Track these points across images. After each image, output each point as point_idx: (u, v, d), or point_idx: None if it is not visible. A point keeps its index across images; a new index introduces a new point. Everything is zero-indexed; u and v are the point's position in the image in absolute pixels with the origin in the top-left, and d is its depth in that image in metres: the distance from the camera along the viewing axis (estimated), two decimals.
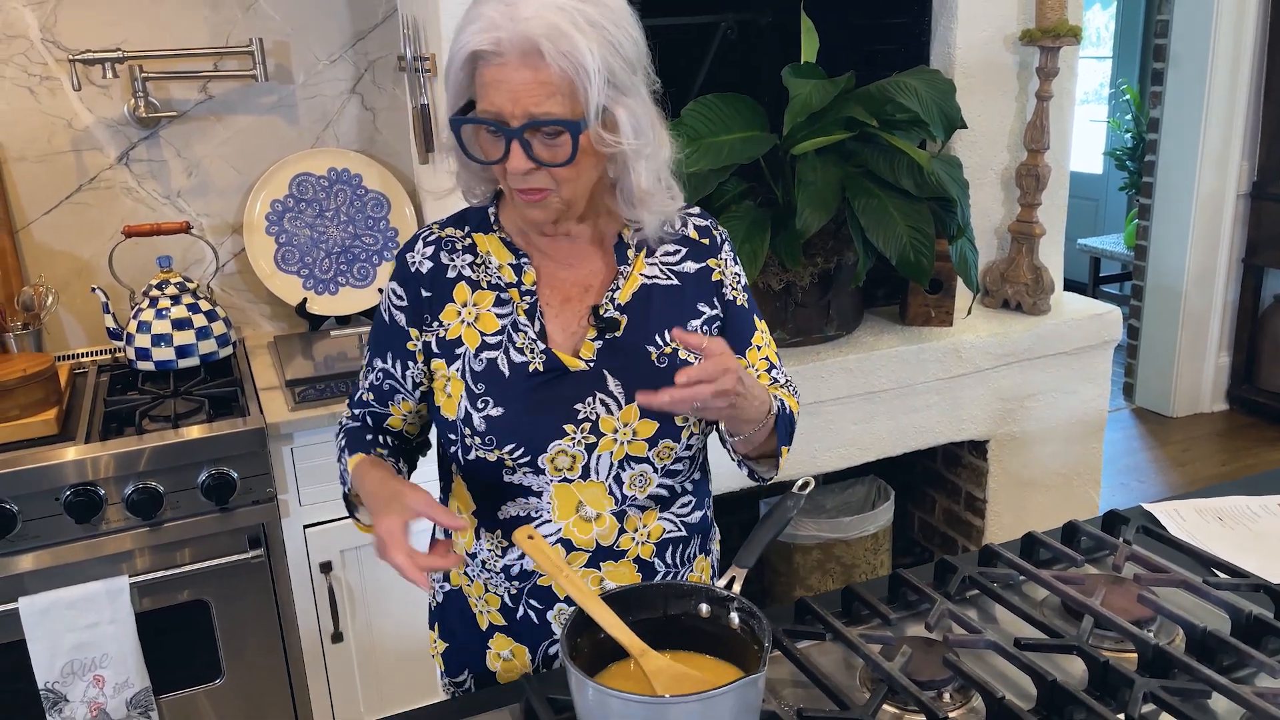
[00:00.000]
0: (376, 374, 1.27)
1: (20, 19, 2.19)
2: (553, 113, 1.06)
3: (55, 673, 1.84)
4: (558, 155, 1.09)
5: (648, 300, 1.22)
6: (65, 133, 2.26)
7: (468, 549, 1.27)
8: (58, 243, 2.30)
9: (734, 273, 1.29)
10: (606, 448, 1.18)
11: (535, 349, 1.19)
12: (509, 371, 1.18)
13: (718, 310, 1.26)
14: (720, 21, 2.55)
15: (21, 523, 1.79)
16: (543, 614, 1.25)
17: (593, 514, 1.20)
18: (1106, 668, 0.97)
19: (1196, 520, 1.33)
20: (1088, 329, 2.57)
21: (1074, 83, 2.60)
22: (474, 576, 1.27)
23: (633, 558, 1.22)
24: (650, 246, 1.24)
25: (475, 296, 1.21)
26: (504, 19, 1.04)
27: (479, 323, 1.20)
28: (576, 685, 0.88)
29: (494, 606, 1.27)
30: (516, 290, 1.21)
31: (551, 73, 1.04)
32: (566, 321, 1.21)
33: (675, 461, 1.22)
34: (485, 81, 1.07)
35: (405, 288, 1.23)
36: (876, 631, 1.08)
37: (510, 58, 1.04)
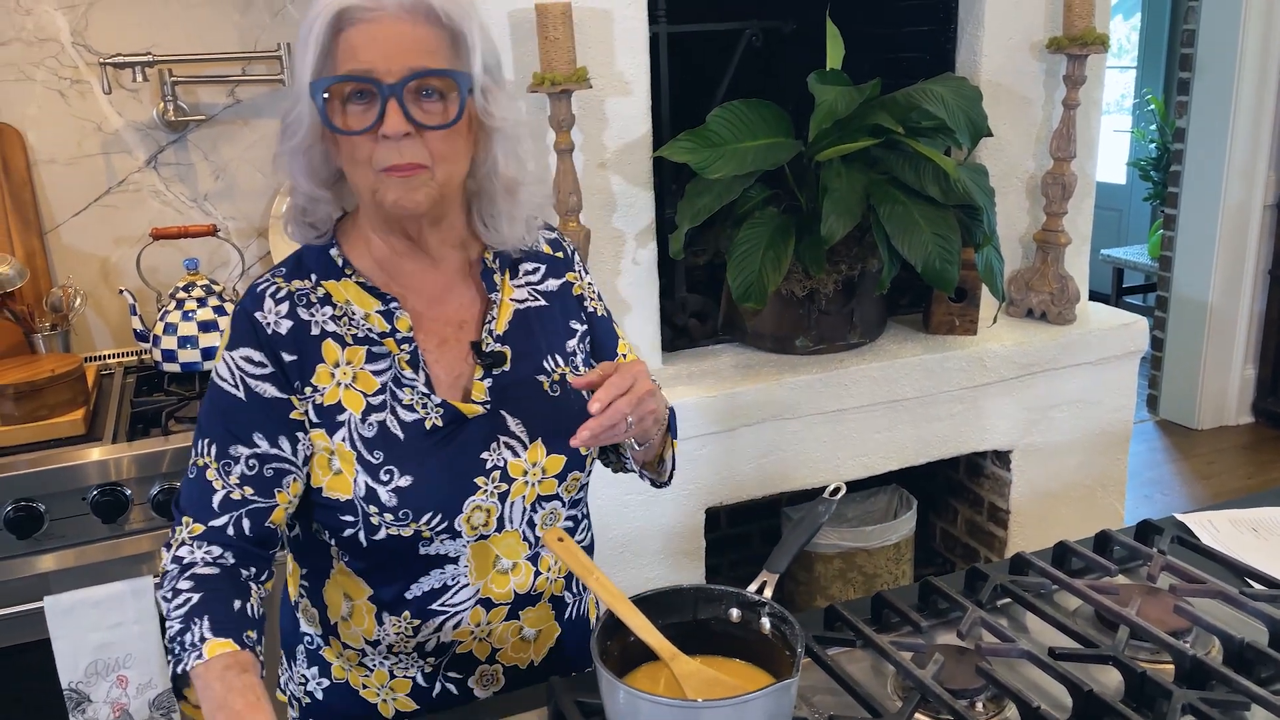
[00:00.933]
0: (246, 463, 1.06)
1: (51, 22, 2.21)
2: (435, 64, 0.99)
3: (79, 672, 1.84)
4: (445, 116, 1.01)
5: (525, 327, 1.16)
6: (95, 136, 2.28)
7: (366, 636, 1.14)
8: (86, 245, 2.32)
9: (588, 283, 1.25)
10: (519, 493, 1.12)
11: (428, 402, 1.08)
12: (403, 433, 1.07)
13: (585, 325, 1.22)
14: (745, 29, 2.55)
15: (49, 522, 1.79)
16: (462, 683, 1.16)
17: (508, 564, 1.14)
18: (1143, 678, 0.95)
19: (1230, 531, 1.32)
20: (1113, 339, 2.55)
21: (1100, 91, 2.59)
22: (375, 665, 1.16)
23: (548, 598, 1.18)
24: (511, 266, 1.18)
25: (346, 354, 1.08)
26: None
27: (357, 383, 1.08)
28: (607, 688, 0.87)
29: (403, 691, 1.16)
30: (392, 340, 1.09)
31: (429, 30, 0.99)
32: (449, 364, 1.12)
33: (580, 490, 1.19)
34: (354, 43, 0.98)
35: (264, 352, 1.07)
36: (907, 639, 1.07)
37: (386, 10, 0.98)
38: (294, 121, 1.04)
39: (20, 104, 2.22)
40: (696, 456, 2.22)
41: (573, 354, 1.19)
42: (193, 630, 0.99)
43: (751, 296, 2.16)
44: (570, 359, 1.19)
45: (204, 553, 1.05)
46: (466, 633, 1.14)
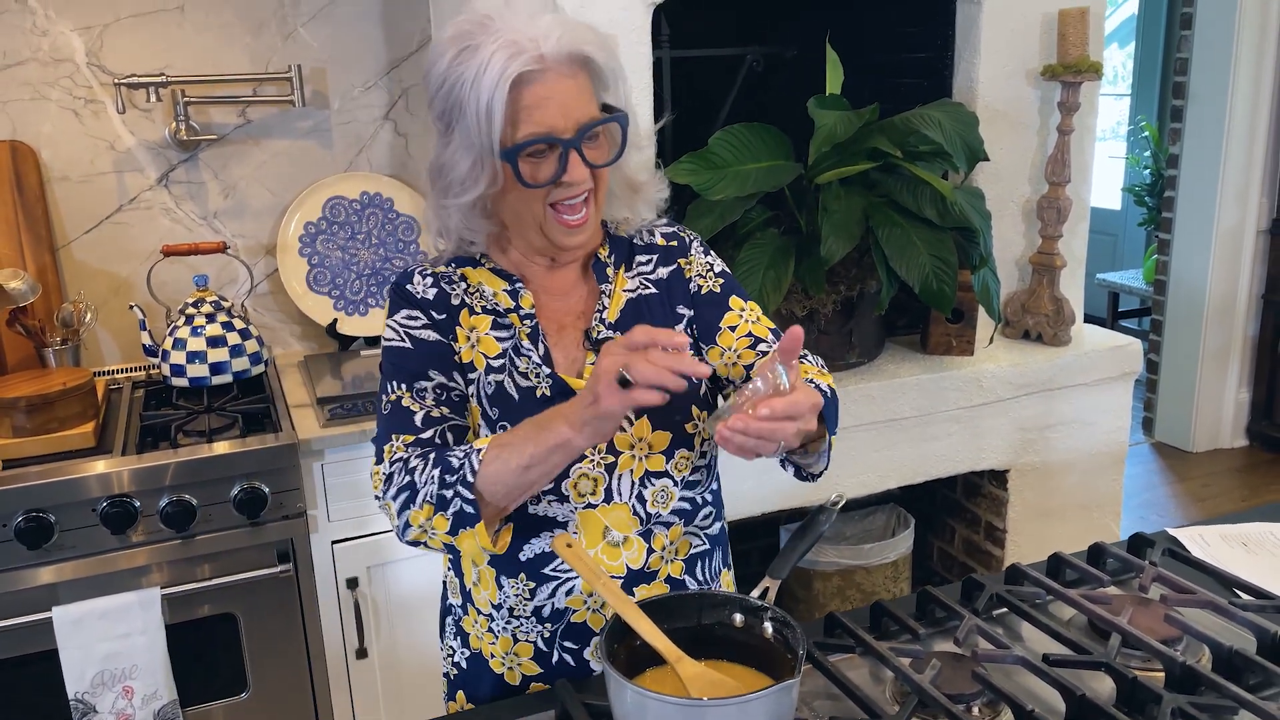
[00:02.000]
0: (433, 391, 1.18)
1: (68, 44, 2.26)
2: (595, 112, 1.12)
3: (86, 683, 1.86)
4: (610, 152, 1.14)
5: (636, 314, 1.24)
6: (107, 154, 2.33)
7: (491, 600, 1.23)
8: (97, 261, 2.36)
9: (704, 263, 1.30)
10: (625, 466, 1.18)
11: (540, 373, 1.18)
12: (518, 396, 1.18)
13: (692, 311, 1.27)
14: (747, 54, 2.61)
15: (58, 533, 1.82)
16: (578, 654, 1.22)
17: (620, 538, 1.19)
18: (1135, 684, 0.98)
19: (1221, 545, 1.35)
20: (1108, 361, 2.59)
21: (1094, 118, 2.64)
22: (500, 631, 1.23)
23: (664, 577, 1.22)
24: (627, 260, 1.27)
25: (474, 320, 1.21)
26: (528, 39, 1.07)
27: (481, 346, 1.20)
28: (615, 688, 0.90)
29: (526, 656, 1.23)
30: (516, 315, 1.21)
31: (583, 77, 1.10)
32: (566, 348, 1.22)
33: (693, 472, 1.23)
34: (527, 104, 1.08)
35: (420, 311, 1.21)
36: (905, 646, 1.10)
37: (555, 71, 1.08)
38: (465, 178, 1.13)
39: (35, 122, 2.26)
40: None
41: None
42: (452, 456, 1.09)
43: None
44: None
45: (419, 451, 1.13)
46: (579, 601, 1.20)
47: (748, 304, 1.28)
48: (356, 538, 2.06)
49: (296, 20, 2.40)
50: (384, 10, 2.46)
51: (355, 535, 2.06)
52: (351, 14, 2.43)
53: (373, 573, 2.08)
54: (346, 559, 2.06)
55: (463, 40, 1.09)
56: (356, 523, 2.06)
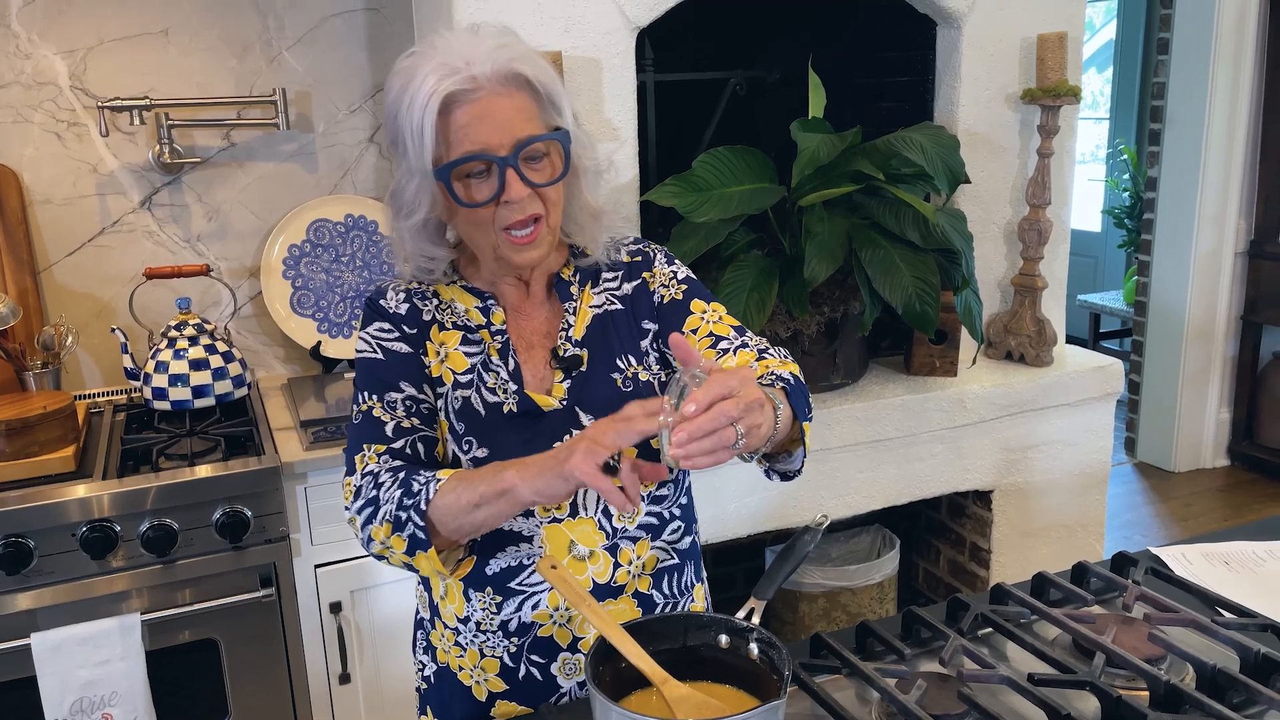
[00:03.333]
0: (403, 403, 1.19)
1: (50, 67, 2.25)
2: (535, 130, 1.12)
3: (64, 710, 1.84)
4: (553, 171, 1.14)
5: (603, 330, 1.25)
6: (90, 177, 2.32)
7: (458, 614, 1.23)
8: (79, 284, 2.35)
9: (667, 273, 1.30)
10: None
11: (508, 389, 1.20)
12: (485, 411, 1.19)
13: (656, 325, 1.28)
14: (730, 78, 2.63)
15: (37, 558, 1.80)
16: (545, 669, 1.22)
17: (585, 552, 1.19)
18: (1119, 703, 0.98)
19: (1203, 564, 1.35)
20: (1090, 381, 2.61)
21: (1073, 141, 2.67)
22: (467, 644, 1.24)
23: (631, 592, 1.22)
24: (592, 277, 1.28)
25: (443, 336, 1.23)
26: (462, 61, 1.09)
27: (449, 361, 1.22)
28: (600, 711, 0.90)
29: (492, 672, 1.23)
30: (486, 331, 1.23)
31: (522, 96, 1.11)
32: (534, 367, 1.24)
33: (660, 486, 1.24)
34: (461, 124, 1.09)
35: (392, 324, 1.23)
36: (891, 666, 1.10)
37: (487, 89, 1.09)
38: (412, 201, 1.16)
39: (17, 145, 2.26)
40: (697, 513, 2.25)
41: (645, 353, 1.26)
42: (416, 479, 1.11)
43: None
44: (643, 357, 1.26)
45: (390, 464, 1.16)
46: (546, 615, 1.21)
47: (710, 305, 1.28)
48: (340, 561, 2.05)
49: (282, 44, 2.40)
50: (369, 35, 2.47)
51: (339, 559, 2.05)
52: (337, 38, 2.44)
53: (356, 597, 2.07)
54: (330, 583, 2.04)
55: (408, 71, 1.11)
56: (340, 546, 2.04)
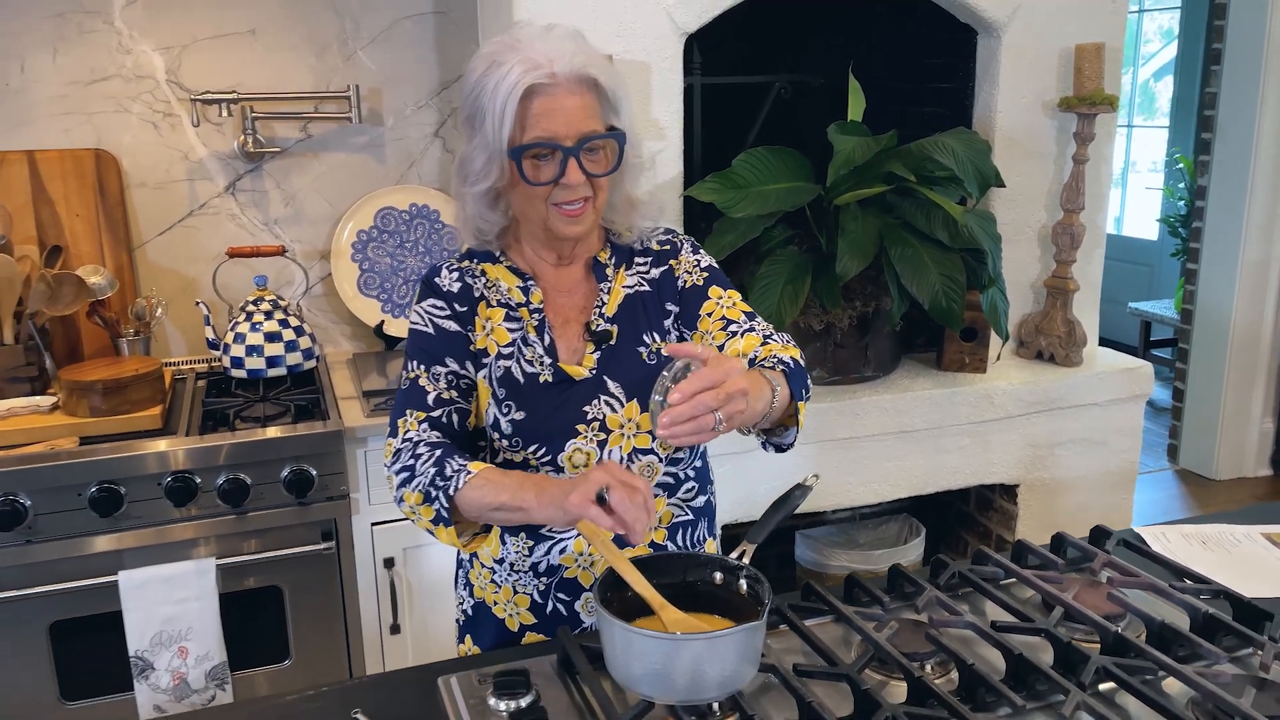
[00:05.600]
0: (445, 376, 1.35)
1: (149, 62, 2.47)
2: (597, 127, 1.28)
3: (145, 642, 2.04)
4: (606, 165, 1.30)
5: (632, 309, 1.40)
6: (181, 164, 2.54)
7: (494, 555, 1.39)
8: (168, 261, 2.56)
9: (691, 261, 1.45)
10: (615, 442, 1.34)
11: (543, 362, 1.35)
12: (523, 380, 1.35)
13: (677, 307, 1.42)
14: (775, 82, 2.76)
15: (127, 503, 2.01)
16: (570, 605, 1.38)
17: None
18: (1069, 648, 1.10)
19: (1181, 542, 1.46)
20: (1119, 382, 2.67)
21: (1111, 148, 2.74)
22: (501, 582, 1.40)
23: (647, 543, 1.37)
24: (626, 261, 1.42)
25: (489, 313, 1.38)
26: (544, 59, 1.24)
27: (494, 335, 1.37)
28: (606, 627, 1.04)
29: (523, 606, 1.39)
30: (526, 309, 1.38)
31: (590, 97, 1.27)
32: (569, 340, 1.39)
33: (676, 450, 1.39)
34: (536, 112, 1.25)
35: (444, 301, 1.38)
36: (871, 611, 1.23)
37: (564, 87, 1.25)
38: (480, 171, 1.31)
39: (118, 133, 2.48)
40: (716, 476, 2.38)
41: (668, 331, 1.42)
42: (450, 463, 1.25)
43: None
44: (666, 335, 1.41)
45: (428, 434, 1.31)
46: (571, 559, 1.36)
47: (727, 292, 1.43)
48: (394, 521, 2.22)
49: (357, 44, 2.60)
50: (437, 36, 2.65)
51: (393, 519, 2.22)
52: (407, 39, 2.63)
53: (408, 554, 2.25)
54: (384, 540, 2.22)
55: (492, 57, 1.27)
56: (394, 507, 2.20)
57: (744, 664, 1.02)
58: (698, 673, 0.99)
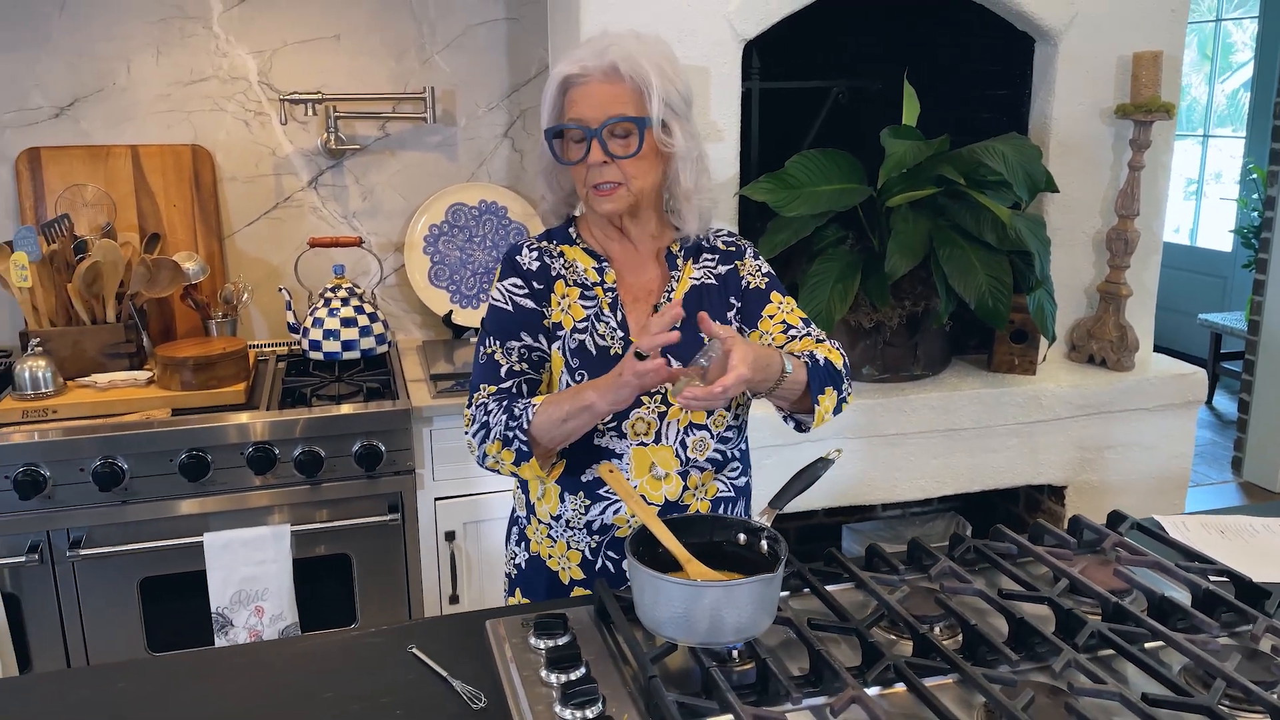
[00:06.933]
0: (519, 350, 1.48)
1: (243, 64, 2.66)
2: (625, 112, 1.40)
3: (226, 600, 2.20)
4: (628, 148, 1.41)
5: (698, 297, 1.52)
6: (269, 159, 2.72)
7: (551, 512, 1.51)
8: (254, 249, 2.75)
9: (754, 265, 1.58)
10: (674, 415, 1.46)
11: (615, 336, 1.47)
12: (595, 352, 1.47)
13: (739, 303, 1.55)
14: (833, 87, 2.84)
15: (213, 470, 2.17)
16: (617, 564, 1.49)
17: (662, 473, 1.46)
18: (1069, 614, 1.18)
19: (1199, 530, 1.51)
20: (1171, 388, 2.69)
21: (1169, 155, 2.76)
22: (557, 537, 1.51)
23: (693, 512, 1.48)
24: (694, 255, 1.54)
25: (568, 290, 1.50)
26: (590, 55, 1.41)
27: (571, 310, 1.49)
28: (635, 575, 1.15)
29: (575, 562, 1.50)
30: (600, 288, 1.50)
31: (624, 86, 1.40)
32: (637, 317, 1.51)
33: (727, 429, 1.50)
34: (573, 99, 1.42)
35: (523, 279, 1.51)
36: (886, 577, 1.31)
37: (594, 77, 1.40)
38: (544, 153, 1.50)
39: (213, 130, 2.67)
40: (763, 465, 2.46)
41: (729, 322, 1.54)
42: (516, 405, 1.40)
43: (819, 324, 2.42)
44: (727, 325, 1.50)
45: (498, 401, 1.44)
46: (623, 519, 1.48)
47: (785, 299, 1.58)
48: (457, 496, 2.36)
49: (433, 48, 2.75)
50: (509, 42, 2.80)
51: (456, 494, 2.36)
52: (481, 44, 2.77)
53: (468, 528, 2.38)
54: (447, 514, 2.36)
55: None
56: (458, 483, 2.36)
57: (760, 613, 1.12)
58: (716, 618, 1.09)
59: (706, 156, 1.52)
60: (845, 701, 1.04)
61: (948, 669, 1.10)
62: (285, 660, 1.28)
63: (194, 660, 1.31)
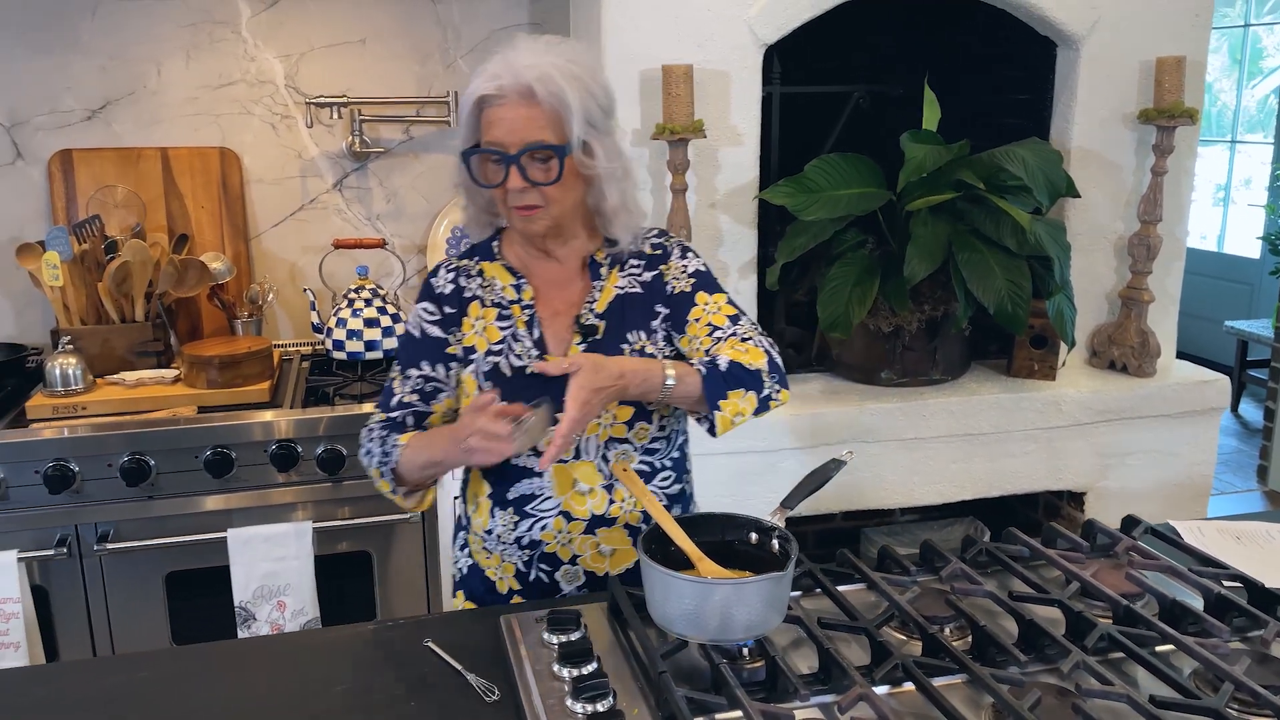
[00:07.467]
0: (416, 380, 1.48)
1: (270, 68, 2.70)
2: (544, 140, 1.34)
3: (249, 594, 2.24)
4: (548, 175, 1.37)
5: (621, 307, 1.48)
6: (295, 162, 2.76)
7: (484, 526, 1.50)
8: (280, 250, 2.79)
9: (680, 266, 1.51)
10: (593, 431, 1.43)
11: (531, 355, 1.45)
12: (510, 373, 1.44)
13: (667, 309, 1.49)
14: (853, 92, 2.84)
15: (237, 467, 2.21)
16: (551, 574, 1.48)
17: (586, 488, 1.44)
18: (1079, 617, 1.18)
19: (1215, 536, 1.50)
20: (1193, 395, 2.67)
21: (1193, 161, 2.74)
22: (491, 550, 1.50)
23: (622, 524, 1.46)
24: (621, 262, 1.50)
25: (484, 312, 1.47)
26: (504, 70, 1.33)
27: (486, 333, 1.46)
28: (647, 572, 1.17)
29: (509, 574, 1.50)
30: (517, 306, 1.48)
31: (542, 110, 1.34)
32: (557, 331, 1.48)
33: (653, 441, 1.47)
34: (489, 121, 1.36)
35: (435, 304, 1.49)
36: (898, 578, 1.32)
37: (509, 98, 1.33)
38: (458, 170, 1.45)
39: (240, 133, 2.71)
40: (780, 468, 2.47)
41: (654, 331, 1.49)
42: (389, 440, 1.46)
43: (838, 327, 2.43)
44: (652, 335, 1.49)
45: (382, 431, 1.50)
46: (551, 535, 1.47)
47: (713, 297, 1.50)
48: None
49: (456, 52, 2.78)
50: None
51: None
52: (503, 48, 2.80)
53: None
54: None
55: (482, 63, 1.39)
56: None
57: (769, 611, 1.13)
58: (726, 615, 1.11)
59: (632, 171, 1.47)
60: (853, 699, 1.05)
61: (956, 669, 1.11)
62: (304, 652, 1.30)
63: (216, 651, 1.34)
